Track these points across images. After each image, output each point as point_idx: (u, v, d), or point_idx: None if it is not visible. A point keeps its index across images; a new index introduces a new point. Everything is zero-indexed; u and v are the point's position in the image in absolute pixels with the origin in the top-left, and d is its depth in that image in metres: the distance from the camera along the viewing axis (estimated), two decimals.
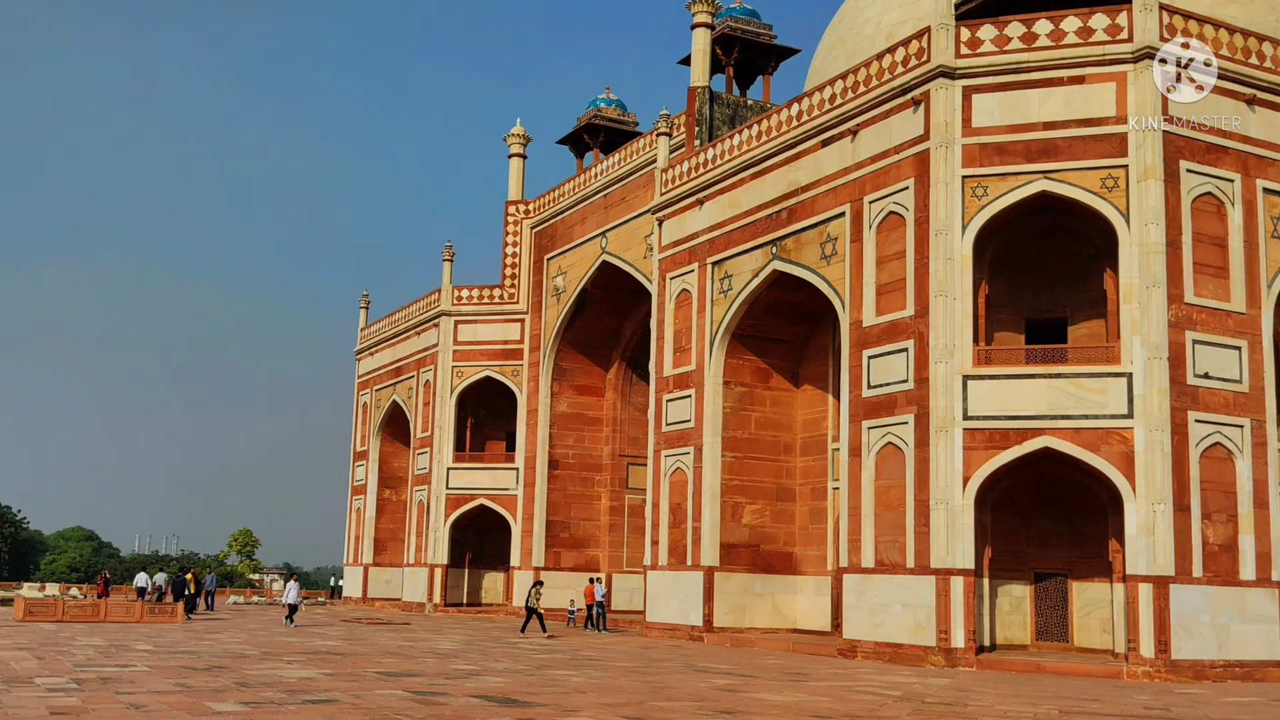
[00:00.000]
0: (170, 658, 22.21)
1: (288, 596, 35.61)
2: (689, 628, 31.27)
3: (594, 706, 15.77)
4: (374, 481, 54.96)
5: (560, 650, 26.75)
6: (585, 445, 44.63)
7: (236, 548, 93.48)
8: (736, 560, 31.32)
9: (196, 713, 14.21)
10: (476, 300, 47.79)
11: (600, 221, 41.63)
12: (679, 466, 32.61)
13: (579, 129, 46.40)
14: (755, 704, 16.47)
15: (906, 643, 24.43)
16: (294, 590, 35.51)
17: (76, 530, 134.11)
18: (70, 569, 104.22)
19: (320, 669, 20.61)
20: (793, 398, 32.81)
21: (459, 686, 17.93)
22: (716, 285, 31.83)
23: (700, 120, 34.55)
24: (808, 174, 28.79)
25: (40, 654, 22.32)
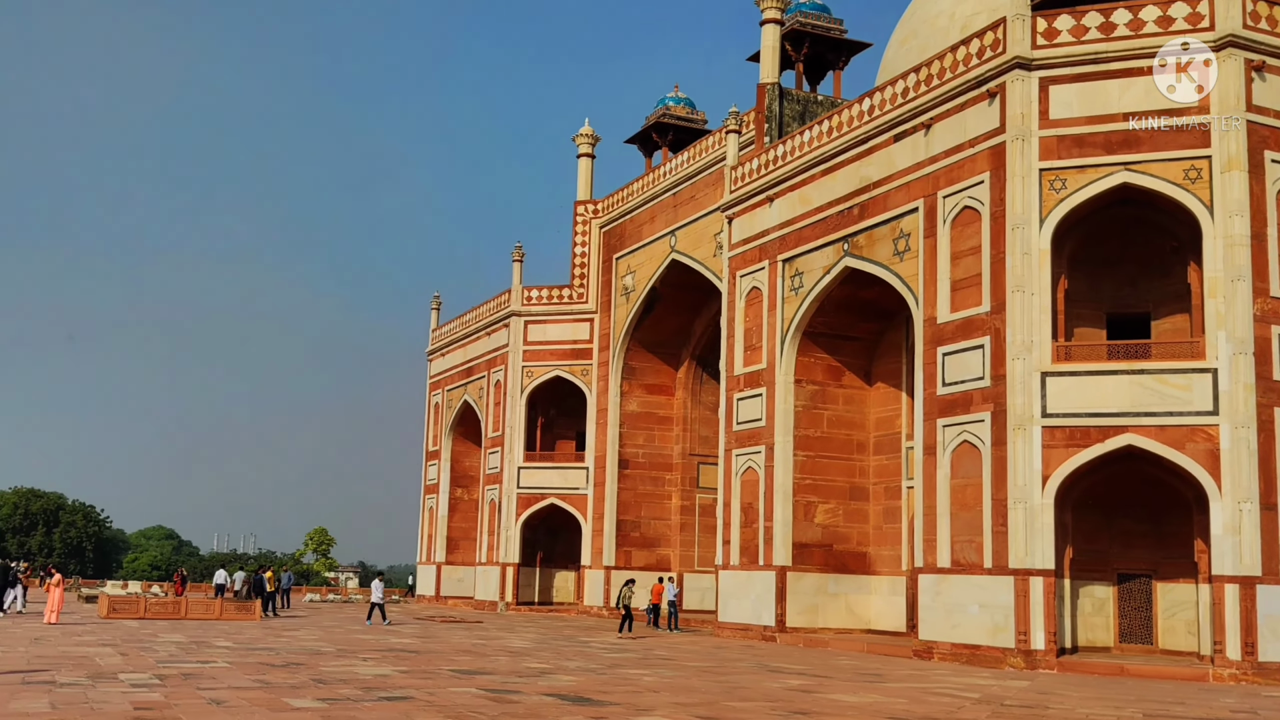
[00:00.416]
0: (249, 654, 22.50)
1: (374, 595, 35.89)
2: (761, 628, 31.06)
3: (667, 706, 15.69)
4: (446, 481, 55.37)
5: (632, 649, 26.71)
6: (655, 444, 44.54)
7: (312, 546, 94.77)
8: (809, 560, 31.05)
9: (275, 709, 14.34)
10: (546, 300, 47.93)
11: (669, 220, 41.53)
12: (750, 465, 32.40)
13: (648, 128, 46.34)
14: (830, 705, 16.29)
15: (984, 644, 24.03)
16: (379, 589, 35.80)
17: (157, 529, 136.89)
18: (151, 567, 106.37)
19: (395, 666, 20.76)
20: (865, 396, 32.46)
21: (532, 685, 17.96)
22: (787, 283, 31.58)
23: (770, 117, 34.31)
24: (880, 169, 28.45)
25: (124, 650, 22.74)
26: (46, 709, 13.81)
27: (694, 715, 14.74)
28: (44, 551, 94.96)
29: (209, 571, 68.99)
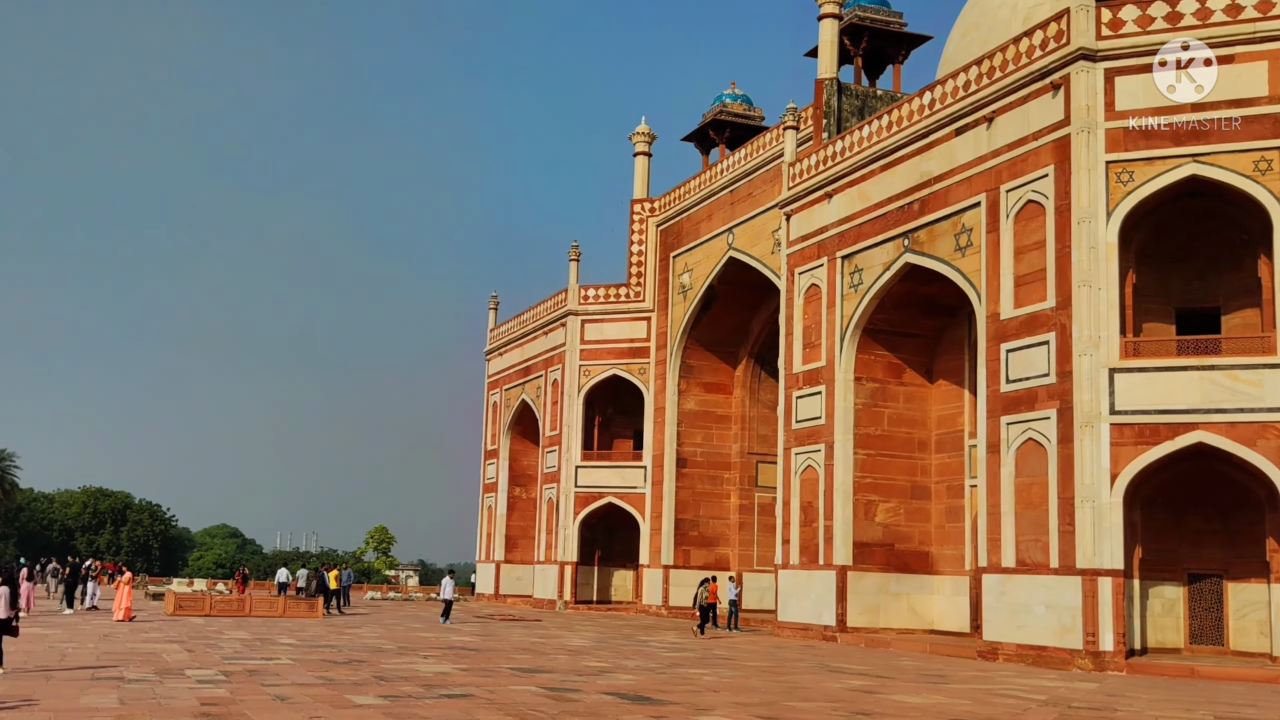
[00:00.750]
0: (312, 651, 22.70)
1: (444, 593, 35.99)
2: (822, 627, 30.82)
3: (727, 705, 15.60)
4: (504, 479, 55.58)
5: (691, 649, 26.62)
6: (713, 443, 44.38)
7: (373, 544, 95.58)
8: (870, 559, 30.77)
9: (338, 705, 14.44)
10: (603, 299, 47.93)
11: (727, 218, 41.36)
12: (810, 464, 32.17)
13: (704, 125, 46.19)
14: (892, 706, 16.12)
15: (1051, 645, 23.65)
16: (449, 587, 35.89)
17: (221, 528, 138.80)
18: (216, 565, 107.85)
19: (455, 664, 20.85)
20: (927, 393, 32.11)
21: (591, 683, 17.94)
22: (846, 279, 31.32)
23: (828, 112, 34.04)
24: (941, 164, 28.12)
25: (190, 647, 23.04)
26: (115, 704, 14.01)
27: (754, 715, 14.64)
28: (112, 550, 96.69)
29: (271, 569, 69.77)
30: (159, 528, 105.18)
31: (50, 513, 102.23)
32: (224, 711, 13.51)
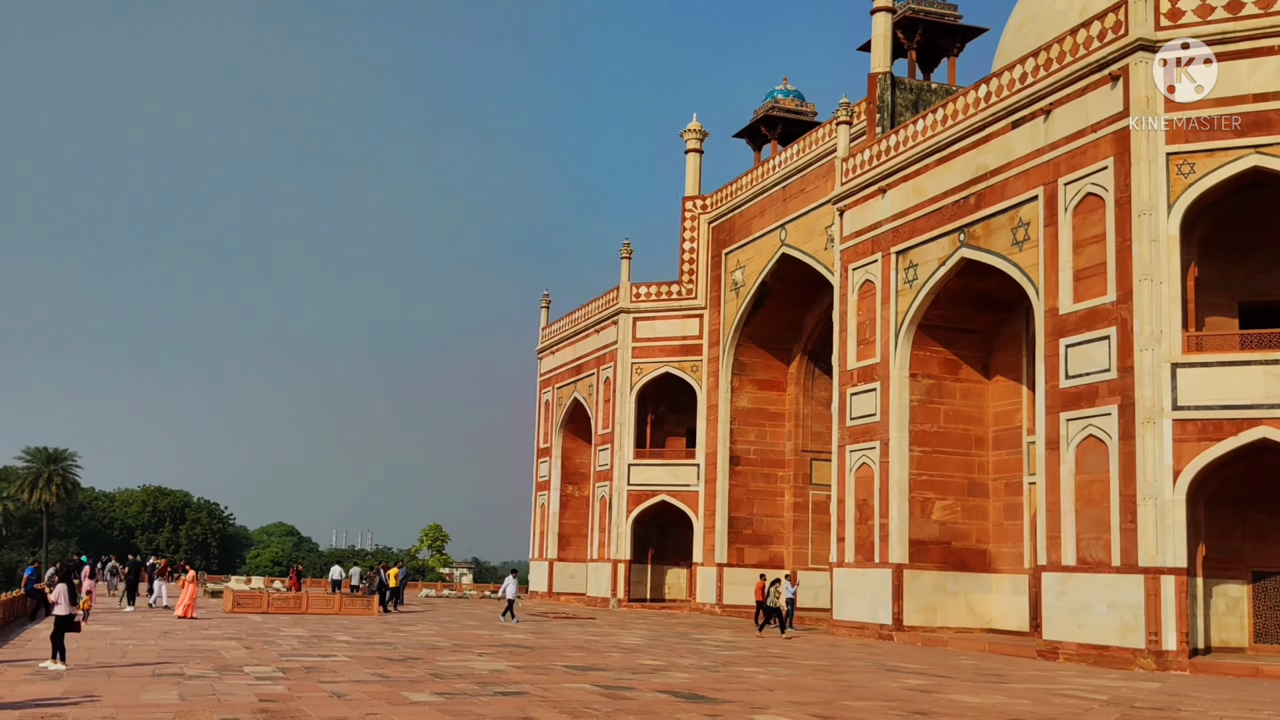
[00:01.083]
0: (368, 648, 22.85)
1: (505, 591, 35.98)
2: (878, 626, 30.56)
3: (782, 704, 15.50)
4: (557, 478, 55.70)
5: (746, 647, 26.50)
6: (767, 440, 44.17)
7: (427, 542, 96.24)
8: (926, 557, 30.46)
9: (394, 702, 14.50)
10: (655, 297, 47.85)
11: (779, 214, 41.15)
12: (864, 461, 31.91)
13: (756, 121, 45.99)
14: (950, 705, 15.94)
15: (1113, 644, 23.29)
16: (512, 586, 35.86)
17: (278, 526, 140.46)
18: (273, 563, 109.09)
19: (510, 661, 20.88)
20: (984, 389, 31.72)
21: (645, 681, 17.89)
22: (901, 275, 31.02)
23: (882, 107, 33.72)
24: (997, 157, 27.77)
25: (248, 644, 23.27)
26: (176, 700, 14.16)
27: (810, 714, 14.52)
28: (171, 547, 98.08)
29: (327, 567, 70.46)
30: (217, 526, 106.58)
31: (111, 511, 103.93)
32: (282, 708, 13.60)
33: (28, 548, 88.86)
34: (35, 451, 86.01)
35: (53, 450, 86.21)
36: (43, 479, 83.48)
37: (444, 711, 13.74)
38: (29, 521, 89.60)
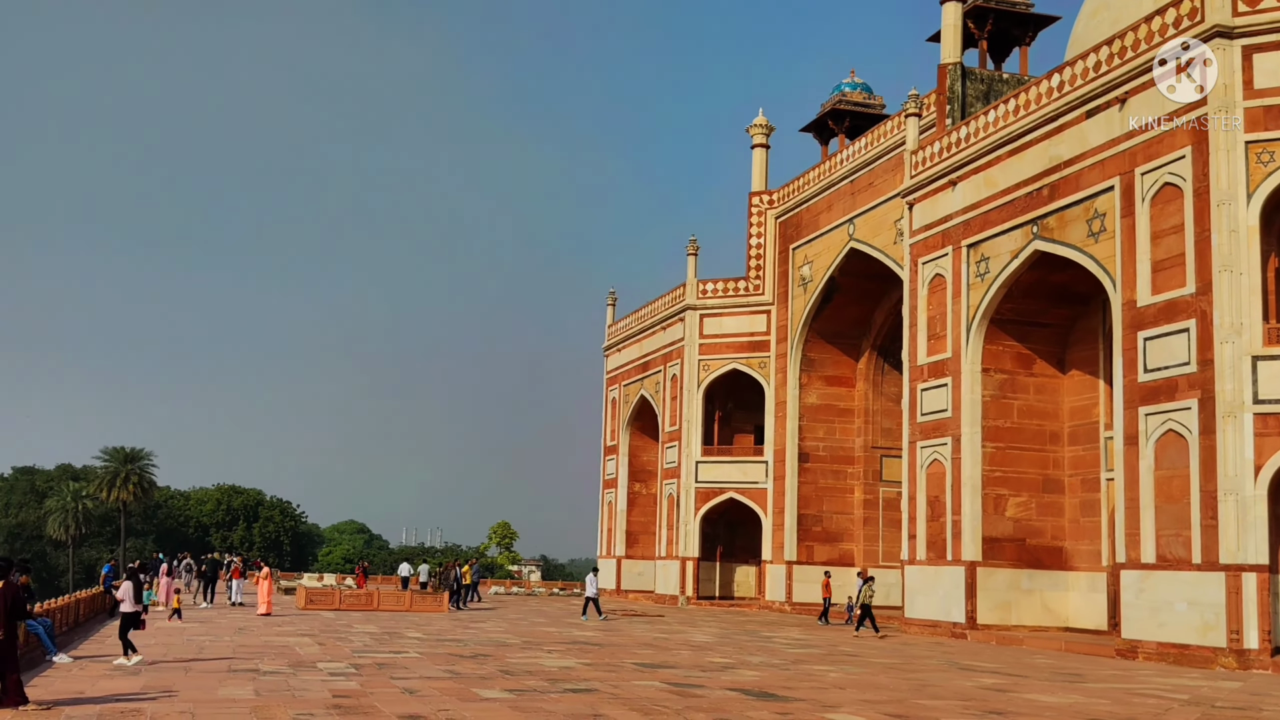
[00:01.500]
0: (438, 645, 22.98)
1: (588, 590, 35.88)
2: (950, 624, 30.15)
3: (854, 703, 15.33)
4: (624, 475, 55.69)
5: (816, 645, 26.28)
6: (836, 437, 43.79)
7: (496, 540, 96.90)
8: (1000, 555, 29.99)
9: (465, 698, 14.54)
10: (721, 293, 47.63)
11: (847, 208, 40.76)
12: (936, 458, 31.49)
13: (823, 115, 45.57)
14: (1026, 705, 15.69)
15: (1193, 643, 22.78)
16: (593, 583, 35.80)
17: (349, 524, 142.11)
18: (344, 560, 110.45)
19: (579, 659, 20.88)
20: (1059, 384, 31.16)
21: (715, 679, 17.80)
22: (972, 268, 30.57)
23: (952, 98, 33.23)
24: (1071, 147, 27.25)
25: (321, 640, 23.50)
26: (251, 695, 14.31)
27: (883, 713, 14.34)
28: (244, 545, 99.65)
29: (397, 564, 71.18)
30: (289, 524, 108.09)
31: (186, 510, 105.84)
32: (355, 704, 13.69)
33: (106, 546, 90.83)
34: (113, 451, 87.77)
35: (130, 450, 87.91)
36: (120, 478, 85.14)
37: (515, 708, 13.75)
38: (107, 520, 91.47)
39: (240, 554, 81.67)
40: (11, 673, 12.92)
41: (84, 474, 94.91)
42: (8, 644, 12.90)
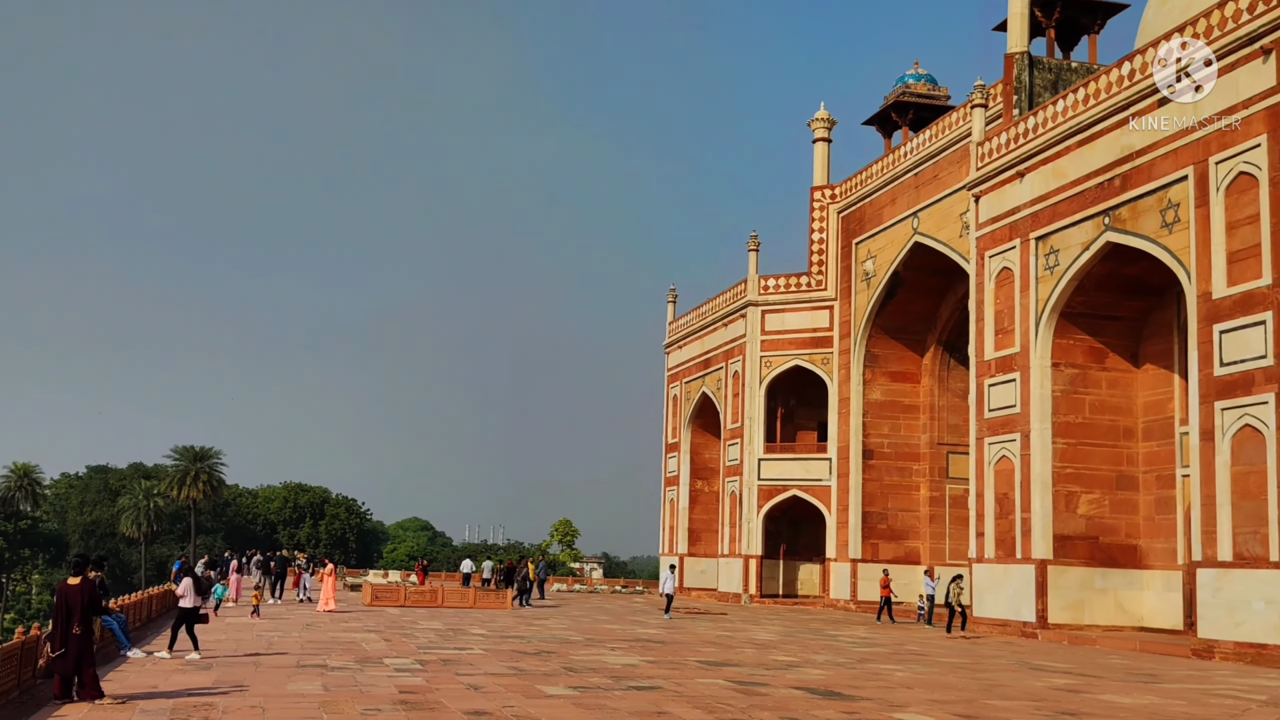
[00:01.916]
0: (502, 642, 23.02)
1: (664, 587, 35.53)
2: (1020, 624, 29.66)
3: (922, 703, 15.10)
4: (686, 473, 55.52)
5: (882, 644, 25.98)
6: (901, 434, 43.30)
7: (558, 537, 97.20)
8: (1072, 553, 29.44)
9: (530, 695, 14.50)
10: (783, 289, 47.29)
11: (911, 201, 40.27)
12: (1004, 454, 30.99)
13: (886, 108, 45.08)
14: (1100, 706, 15.39)
15: (1271, 643, 22.22)
16: (669, 581, 35.48)
17: (413, 521, 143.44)
18: (409, 557, 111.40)
19: (642, 656, 20.80)
20: (1132, 379, 30.52)
21: (779, 678, 17.63)
22: (1041, 261, 30.03)
23: (1019, 88, 32.68)
24: (1143, 137, 26.68)
25: (387, 636, 23.63)
26: (320, 691, 14.40)
27: (952, 713, 14.10)
28: (311, 542, 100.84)
29: (460, 562, 71.70)
30: (355, 521, 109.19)
31: (254, 507, 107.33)
32: (421, 699, 13.71)
33: (177, 543, 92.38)
34: (183, 450, 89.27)
35: (199, 449, 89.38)
36: (190, 476, 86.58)
37: (578, 705, 13.69)
38: (178, 517, 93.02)
39: (305, 551, 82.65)
40: (88, 667, 13.11)
41: (155, 472, 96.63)
42: (85, 639, 13.10)
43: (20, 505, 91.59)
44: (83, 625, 13.10)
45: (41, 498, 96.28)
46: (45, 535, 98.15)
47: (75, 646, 12.98)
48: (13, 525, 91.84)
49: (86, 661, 13.09)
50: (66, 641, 12.98)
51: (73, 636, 12.99)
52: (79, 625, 13.06)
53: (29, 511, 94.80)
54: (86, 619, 13.19)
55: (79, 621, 13.07)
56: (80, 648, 13.01)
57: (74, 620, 13.07)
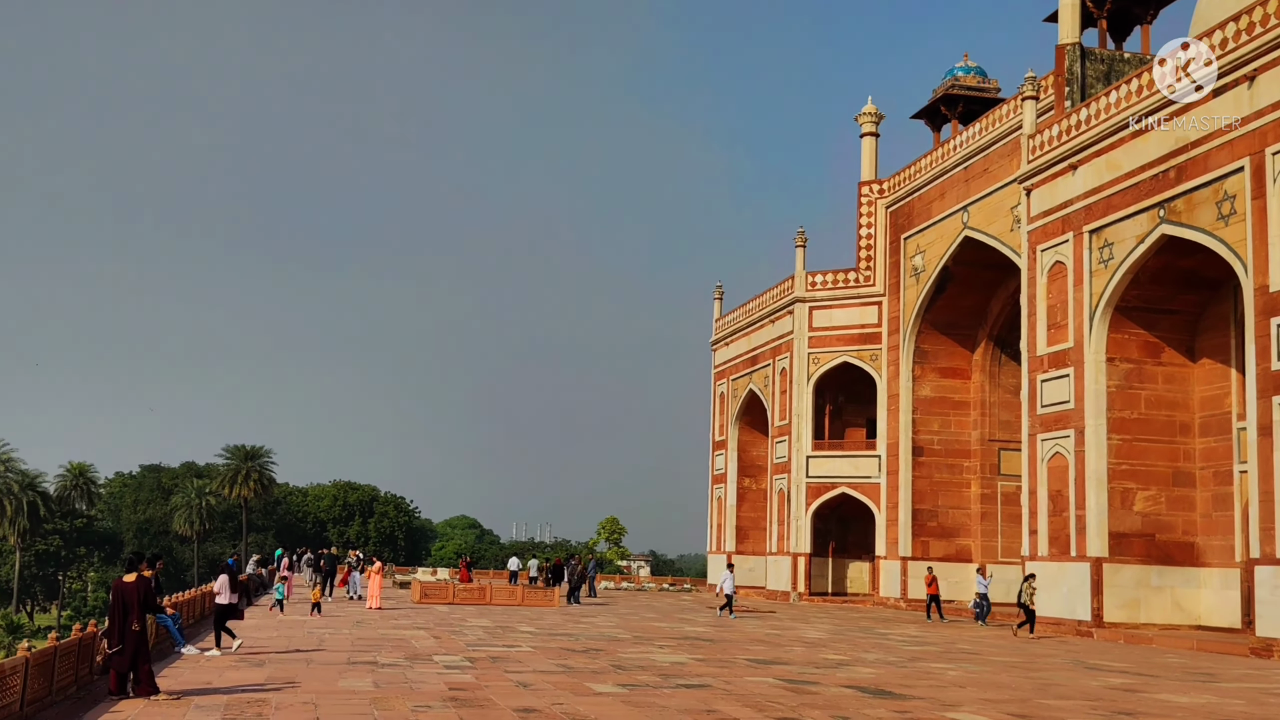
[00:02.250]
0: (551, 639, 23.01)
1: (724, 586, 35.03)
2: (1075, 622, 29.25)
3: (974, 702, 14.90)
4: (733, 470, 55.33)
5: (933, 643, 25.72)
6: (951, 430, 42.89)
7: (605, 535, 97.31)
8: (1128, 550, 29.00)
9: (579, 693, 14.46)
10: (831, 285, 46.97)
11: (960, 195, 39.86)
12: (1058, 451, 30.58)
13: (935, 101, 44.62)
14: (1157, 705, 15.14)
15: None
16: (729, 580, 35.00)
17: (461, 519, 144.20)
18: (456, 555, 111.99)
19: (691, 654, 20.70)
20: (1188, 373, 30.01)
21: (829, 676, 17.49)
22: (1094, 255, 29.60)
23: (1071, 79, 32.23)
24: (1198, 128, 26.20)
25: (436, 633, 23.71)
26: (371, 687, 14.45)
27: (1005, 713, 13.90)
28: (360, 540, 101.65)
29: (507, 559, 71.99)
30: (403, 519, 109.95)
31: (304, 505, 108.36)
32: (471, 696, 13.71)
33: (229, 541, 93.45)
34: (234, 449, 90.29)
35: (250, 448, 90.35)
36: (241, 475, 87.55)
37: (627, 703, 13.63)
38: (230, 515, 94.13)
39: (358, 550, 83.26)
40: (144, 663, 13.22)
41: (207, 471, 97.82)
42: (141, 636, 13.21)
43: (76, 504, 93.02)
44: (140, 622, 13.22)
45: (96, 496, 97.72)
46: (100, 533, 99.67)
47: (132, 643, 13.09)
48: (69, 524, 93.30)
49: (142, 658, 13.20)
50: (124, 638, 13.10)
51: (130, 633, 13.10)
52: (136, 622, 13.17)
53: (84, 510, 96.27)
54: (143, 616, 13.30)
55: (136, 618, 13.18)
56: (137, 644, 13.12)
57: (130, 617, 13.17)
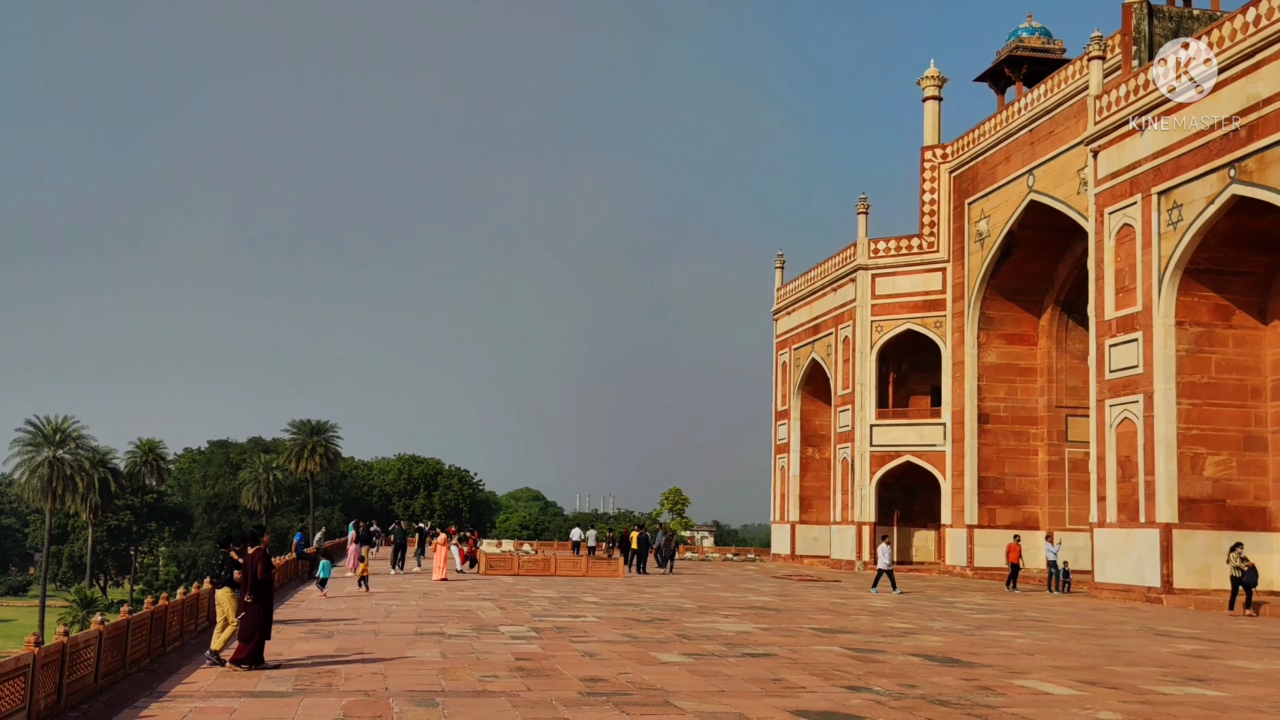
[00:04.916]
0: (615, 610, 23.12)
1: (881, 560, 33.69)
2: (1144, 589, 28.87)
3: (1043, 669, 14.79)
4: (796, 440, 55.12)
5: (1000, 610, 25.52)
6: (1017, 397, 42.37)
7: (668, 505, 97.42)
8: (1198, 516, 28.52)
9: (644, 662, 14.53)
10: (894, 252, 46.48)
11: (1026, 159, 39.21)
12: (1126, 416, 30.10)
13: (999, 63, 43.86)
14: (1229, 671, 14.95)
15: None
16: (886, 554, 32.68)
17: (525, 491, 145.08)
18: (521, 526, 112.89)
19: (756, 624, 20.70)
20: (1260, 336, 29.35)
21: (896, 645, 17.41)
22: (1163, 217, 29.00)
23: (1138, 38, 31.51)
24: (1270, 85, 25.55)
25: (502, 604, 23.93)
26: (438, 658, 14.62)
27: (1075, 679, 13.78)
28: (425, 513, 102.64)
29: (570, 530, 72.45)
30: (467, 492, 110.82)
31: (369, 479, 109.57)
32: (537, 666, 13.83)
33: (296, 514, 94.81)
34: (300, 424, 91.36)
35: (316, 423, 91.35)
36: (307, 450, 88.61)
37: (693, 672, 13.67)
38: (297, 490, 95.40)
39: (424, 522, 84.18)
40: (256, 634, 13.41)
41: (274, 446, 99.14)
42: (251, 607, 13.40)
43: (146, 480, 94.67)
44: (253, 594, 13.43)
45: (166, 472, 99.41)
46: (170, 508, 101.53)
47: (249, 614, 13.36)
48: (139, 499, 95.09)
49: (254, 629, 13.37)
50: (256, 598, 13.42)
51: (245, 605, 13.40)
52: (249, 594, 13.42)
53: (154, 486, 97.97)
54: (256, 589, 13.47)
55: (248, 590, 13.43)
56: (249, 615, 13.36)
57: (245, 589, 13.47)
